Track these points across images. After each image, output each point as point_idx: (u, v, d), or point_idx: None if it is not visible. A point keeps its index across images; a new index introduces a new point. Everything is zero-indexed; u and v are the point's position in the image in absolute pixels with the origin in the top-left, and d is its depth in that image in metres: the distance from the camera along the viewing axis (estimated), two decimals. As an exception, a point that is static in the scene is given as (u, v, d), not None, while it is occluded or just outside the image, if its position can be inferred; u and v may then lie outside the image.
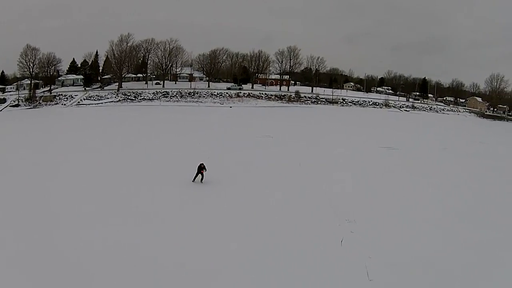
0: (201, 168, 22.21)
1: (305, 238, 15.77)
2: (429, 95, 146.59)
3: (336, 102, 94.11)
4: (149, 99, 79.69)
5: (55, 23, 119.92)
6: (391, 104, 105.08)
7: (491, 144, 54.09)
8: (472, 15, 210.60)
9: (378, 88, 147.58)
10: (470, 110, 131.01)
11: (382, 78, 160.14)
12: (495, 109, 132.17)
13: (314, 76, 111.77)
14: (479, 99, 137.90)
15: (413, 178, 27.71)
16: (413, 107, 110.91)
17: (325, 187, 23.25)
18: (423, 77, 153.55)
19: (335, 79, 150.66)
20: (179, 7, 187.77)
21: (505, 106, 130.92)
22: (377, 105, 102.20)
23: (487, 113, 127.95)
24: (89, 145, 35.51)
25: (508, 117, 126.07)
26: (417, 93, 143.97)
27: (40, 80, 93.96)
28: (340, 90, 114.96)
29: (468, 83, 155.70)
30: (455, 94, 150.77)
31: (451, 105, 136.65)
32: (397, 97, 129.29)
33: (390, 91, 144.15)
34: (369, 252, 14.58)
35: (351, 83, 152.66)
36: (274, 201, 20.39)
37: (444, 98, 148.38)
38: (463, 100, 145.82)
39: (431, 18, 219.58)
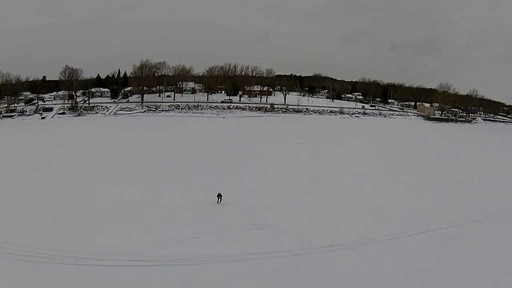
0: (219, 195, 40.53)
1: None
2: (391, 100, 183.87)
3: (301, 111, 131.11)
4: (166, 111, 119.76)
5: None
6: (345, 111, 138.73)
7: (381, 141, 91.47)
8: (471, 14, 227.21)
9: (348, 95, 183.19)
10: (418, 114, 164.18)
11: (355, 84, 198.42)
12: (445, 112, 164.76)
13: (286, 84, 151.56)
14: (427, 104, 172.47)
15: (299, 154, 68.66)
16: (364, 113, 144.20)
17: (258, 153, 64.39)
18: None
19: (313, 87, 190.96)
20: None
21: (456, 110, 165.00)
22: (333, 112, 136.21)
23: (434, 116, 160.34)
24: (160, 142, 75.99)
25: (458, 119, 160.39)
26: (378, 99, 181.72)
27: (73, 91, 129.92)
28: (308, 98, 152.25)
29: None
30: (415, 99, 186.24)
31: (405, 109, 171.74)
32: (361, 102, 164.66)
33: (360, 97, 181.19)
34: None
35: (326, 90, 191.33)
36: (234, 155, 61.10)
37: (400, 103, 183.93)
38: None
39: (429, 18, 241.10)
